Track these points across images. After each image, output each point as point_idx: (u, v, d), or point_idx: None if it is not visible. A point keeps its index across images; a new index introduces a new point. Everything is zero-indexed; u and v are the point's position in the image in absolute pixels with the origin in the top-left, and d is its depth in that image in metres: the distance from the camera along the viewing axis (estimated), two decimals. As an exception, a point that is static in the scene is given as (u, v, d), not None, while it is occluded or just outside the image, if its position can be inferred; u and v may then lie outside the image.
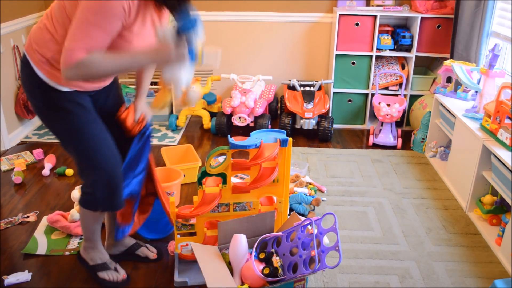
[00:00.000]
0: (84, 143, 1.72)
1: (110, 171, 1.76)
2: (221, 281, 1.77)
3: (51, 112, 1.70)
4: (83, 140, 1.72)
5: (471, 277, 2.09)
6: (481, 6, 2.94)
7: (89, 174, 1.77)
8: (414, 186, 2.88)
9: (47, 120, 1.75)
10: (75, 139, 1.72)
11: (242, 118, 3.50)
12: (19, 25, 3.47)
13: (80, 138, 1.71)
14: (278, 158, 2.02)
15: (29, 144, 3.44)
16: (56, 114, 1.70)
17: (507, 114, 2.29)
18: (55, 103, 1.68)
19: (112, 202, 1.82)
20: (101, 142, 1.75)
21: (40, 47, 1.61)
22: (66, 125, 1.71)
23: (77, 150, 1.74)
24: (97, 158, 1.74)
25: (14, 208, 2.61)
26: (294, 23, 3.87)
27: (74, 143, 1.73)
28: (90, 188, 1.79)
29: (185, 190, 2.81)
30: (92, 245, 1.99)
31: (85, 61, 1.44)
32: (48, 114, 1.72)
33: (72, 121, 1.70)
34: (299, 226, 1.87)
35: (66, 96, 1.68)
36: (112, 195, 1.79)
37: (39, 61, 1.62)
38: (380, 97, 3.55)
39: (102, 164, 1.74)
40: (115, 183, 1.79)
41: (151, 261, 2.17)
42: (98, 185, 1.76)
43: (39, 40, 1.61)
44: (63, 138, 1.77)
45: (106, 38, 1.47)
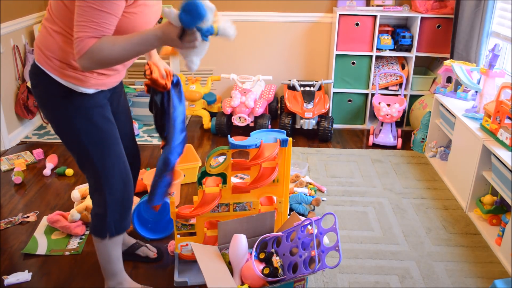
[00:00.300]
0: (105, 158, 1.65)
1: (125, 190, 1.72)
2: (221, 281, 1.77)
3: (77, 121, 1.60)
4: (105, 155, 1.65)
5: (471, 277, 2.09)
6: (481, 6, 2.93)
7: (102, 193, 1.68)
8: (414, 186, 2.88)
9: (71, 133, 1.62)
10: (97, 152, 1.63)
11: (242, 118, 3.50)
12: (19, 25, 3.47)
13: (102, 151, 1.64)
14: (278, 158, 2.02)
15: (29, 144, 3.44)
16: (81, 123, 1.60)
17: (507, 114, 2.29)
18: (81, 112, 1.59)
19: (122, 224, 1.76)
20: (120, 157, 1.70)
21: (55, 52, 1.53)
22: (91, 138, 1.62)
23: (97, 164, 1.65)
24: (114, 174, 1.67)
25: (14, 208, 2.61)
26: (294, 23, 3.87)
27: (96, 156, 1.64)
28: (102, 208, 1.70)
29: (185, 190, 2.81)
30: (120, 278, 1.87)
31: (96, 48, 1.38)
32: (72, 125, 1.60)
33: (97, 133, 1.63)
34: (299, 226, 1.87)
35: (92, 101, 1.61)
36: (123, 216, 1.75)
37: (58, 67, 1.53)
38: (380, 97, 3.55)
39: (118, 181, 1.69)
40: (129, 204, 1.75)
41: (151, 260, 2.17)
42: (112, 205, 1.69)
43: (52, 45, 1.53)
44: (85, 152, 1.64)
45: (112, 20, 1.40)
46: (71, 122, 1.60)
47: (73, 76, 1.54)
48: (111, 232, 1.74)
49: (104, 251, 1.79)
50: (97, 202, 1.73)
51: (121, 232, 1.78)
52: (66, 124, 1.61)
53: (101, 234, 1.74)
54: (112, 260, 1.82)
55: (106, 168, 1.66)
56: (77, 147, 1.64)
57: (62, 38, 1.51)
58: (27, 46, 3.56)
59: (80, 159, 1.67)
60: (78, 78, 1.55)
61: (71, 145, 1.66)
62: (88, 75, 1.56)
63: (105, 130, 1.65)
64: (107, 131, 1.66)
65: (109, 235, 1.74)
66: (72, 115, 1.59)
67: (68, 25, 1.48)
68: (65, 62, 1.53)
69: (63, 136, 1.65)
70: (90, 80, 1.57)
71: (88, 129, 1.61)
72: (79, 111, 1.59)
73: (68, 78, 1.54)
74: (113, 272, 1.85)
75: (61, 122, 1.61)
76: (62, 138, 1.66)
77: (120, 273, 1.87)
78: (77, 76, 1.55)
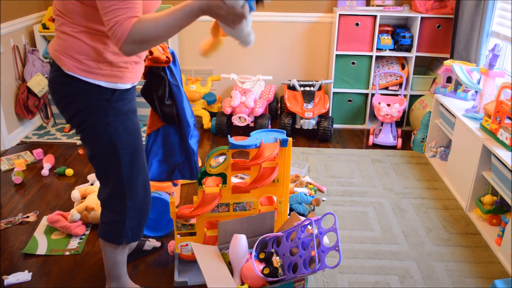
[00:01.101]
0: (133, 165, 1.61)
1: (145, 198, 1.70)
2: (221, 281, 1.77)
3: (115, 126, 1.54)
4: (133, 162, 1.61)
5: (471, 277, 2.09)
6: (481, 6, 2.93)
7: (123, 200, 1.64)
8: (414, 186, 2.88)
9: (105, 139, 1.55)
10: (126, 159, 1.59)
11: (242, 118, 3.50)
12: (19, 25, 3.47)
13: (131, 158, 1.60)
14: (278, 158, 2.02)
15: (29, 144, 3.44)
16: (118, 129, 1.54)
17: (507, 114, 2.29)
18: (119, 116, 1.54)
19: (138, 231, 1.73)
20: (144, 165, 1.67)
21: (86, 53, 1.44)
22: (124, 144, 1.57)
23: (124, 171, 1.59)
24: (138, 182, 1.64)
25: (14, 208, 2.61)
26: (294, 23, 3.87)
27: (125, 163, 1.59)
28: (121, 215, 1.66)
29: (185, 190, 2.81)
30: (122, 282, 1.86)
31: (138, 28, 1.28)
32: (109, 131, 1.53)
33: (130, 140, 1.59)
34: (299, 226, 1.87)
35: (128, 105, 1.57)
36: (141, 224, 1.73)
37: (94, 69, 1.45)
38: (380, 97, 3.55)
39: (141, 189, 1.66)
40: (147, 212, 1.74)
41: (157, 250, 2.22)
42: (131, 213, 1.66)
43: (81, 47, 1.43)
44: (115, 159, 1.58)
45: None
46: (108, 127, 1.53)
47: (110, 74, 1.48)
48: (128, 239, 1.72)
49: (112, 256, 1.78)
50: (114, 209, 1.67)
51: (137, 240, 1.76)
52: (102, 130, 1.53)
53: (117, 241, 1.71)
54: (117, 265, 1.81)
55: (132, 176, 1.62)
56: (108, 153, 1.57)
57: (88, 36, 1.43)
58: (27, 46, 3.56)
59: (107, 166, 1.60)
60: (115, 75, 1.49)
61: (102, 152, 1.58)
62: (123, 68, 1.51)
63: (136, 137, 1.62)
64: (138, 137, 1.63)
65: (126, 242, 1.72)
66: (110, 120, 1.52)
67: (90, 20, 1.41)
68: (99, 61, 1.45)
69: (95, 143, 1.57)
70: (126, 74, 1.52)
71: (123, 135, 1.56)
72: (117, 116, 1.54)
73: (106, 78, 1.48)
74: (117, 276, 1.84)
75: (98, 128, 1.53)
76: (93, 145, 1.58)
77: (123, 277, 1.86)
78: (114, 73, 1.49)
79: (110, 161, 1.59)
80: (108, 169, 1.61)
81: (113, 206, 1.67)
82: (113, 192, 1.64)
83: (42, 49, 3.72)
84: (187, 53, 3.96)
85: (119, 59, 1.48)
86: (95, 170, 1.66)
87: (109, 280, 1.86)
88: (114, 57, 1.47)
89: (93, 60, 1.45)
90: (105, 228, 1.72)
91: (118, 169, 1.59)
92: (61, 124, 3.81)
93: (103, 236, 1.72)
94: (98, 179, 1.67)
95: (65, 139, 3.53)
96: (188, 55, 3.97)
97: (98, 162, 1.61)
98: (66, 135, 3.60)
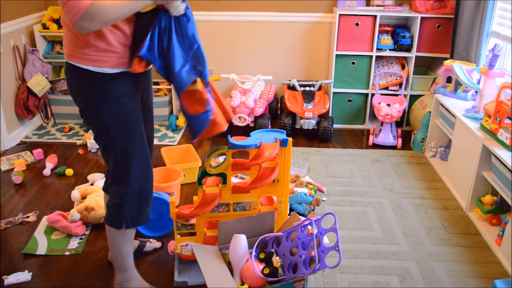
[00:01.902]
0: (128, 149, 1.66)
1: (143, 183, 1.73)
2: (221, 281, 1.77)
3: (105, 108, 1.61)
4: (128, 146, 1.66)
5: (471, 277, 2.09)
6: (481, 6, 2.93)
7: (120, 183, 1.70)
8: (414, 186, 2.88)
9: (98, 121, 1.63)
10: (120, 142, 1.65)
11: (242, 118, 3.50)
12: (19, 25, 3.47)
13: (126, 142, 1.66)
14: (278, 158, 2.02)
15: (29, 144, 3.44)
16: (108, 111, 1.62)
17: (507, 114, 2.29)
18: (109, 99, 1.61)
19: (139, 216, 1.76)
20: (142, 150, 1.71)
21: (74, 42, 1.56)
22: (116, 127, 1.64)
23: (118, 154, 1.66)
24: (134, 167, 1.68)
25: (14, 208, 2.61)
26: (294, 23, 3.87)
27: (119, 146, 1.65)
28: (118, 198, 1.71)
29: (185, 190, 2.81)
30: (128, 275, 1.88)
31: (94, 6, 1.38)
32: (100, 112, 1.62)
33: (123, 123, 1.65)
34: (299, 226, 1.87)
35: (120, 88, 1.62)
36: (140, 209, 1.75)
37: (81, 55, 1.56)
38: (380, 97, 3.55)
39: (137, 174, 1.70)
40: (146, 197, 1.76)
41: (158, 250, 2.23)
42: (128, 196, 1.70)
43: (70, 37, 1.57)
44: (109, 141, 1.65)
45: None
46: (99, 110, 1.61)
47: (97, 58, 1.56)
48: (128, 223, 1.75)
49: (115, 243, 1.81)
50: (114, 192, 1.74)
51: (138, 225, 1.79)
52: (95, 112, 1.62)
53: (117, 224, 1.75)
54: (122, 255, 1.83)
55: (127, 160, 1.67)
56: (103, 135, 1.66)
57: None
58: (27, 46, 3.56)
59: (104, 148, 1.70)
60: (101, 59, 1.56)
61: (98, 133, 1.67)
62: (110, 52, 1.56)
63: (131, 121, 1.66)
64: (133, 121, 1.67)
65: (125, 226, 1.75)
66: (99, 102, 1.60)
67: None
68: (85, 46, 1.55)
69: (92, 124, 1.67)
70: (112, 58, 1.57)
71: (115, 118, 1.63)
72: (107, 99, 1.61)
73: (93, 62, 1.56)
74: (123, 267, 1.87)
75: (92, 111, 1.63)
76: (92, 127, 1.68)
77: (130, 269, 1.88)
78: (100, 57, 1.56)
79: (107, 143, 1.68)
80: (105, 151, 1.70)
81: (113, 189, 1.74)
82: (113, 175, 1.72)
83: (42, 49, 3.72)
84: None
85: (104, 44, 1.54)
86: (100, 152, 1.74)
87: (116, 271, 1.89)
88: (98, 42, 1.53)
89: (81, 47, 1.56)
90: (108, 211, 1.77)
91: (113, 152, 1.67)
92: (61, 124, 3.81)
93: (106, 220, 1.78)
94: (105, 161, 1.77)
95: (65, 139, 3.53)
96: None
97: (99, 144, 1.71)
98: (66, 135, 3.60)
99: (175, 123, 3.70)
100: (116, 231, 1.76)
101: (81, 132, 3.66)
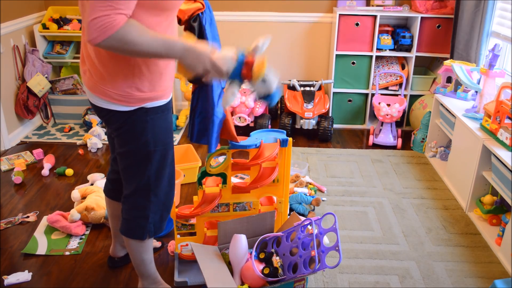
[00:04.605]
0: (163, 161, 1.62)
1: (169, 193, 1.71)
2: (221, 281, 1.77)
3: (153, 121, 1.55)
4: (164, 158, 1.62)
5: (471, 277, 2.09)
6: (481, 6, 2.93)
7: (147, 195, 1.65)
8: (414, 186, 2.88)
9: (142, 138, 1.56)
10: (157, 155, 1.60)
11: (242, 118, 3.50)
12: (19, 25, 3.47)
13: (163, 154, 1.61)
14: (278, 158, 2.02)
15: (29, 144, 3.44)
16: (154, 122, 1.55)
17: (507, 114, 2.29)
18: (159, 116, 1.56)
19: (160, 225, 1.74)
20: (173, 160, 1.68)
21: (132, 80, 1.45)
22: (158, 141, 1.58)
23: (153, 168, 1.60)
24: (164, 178, 1.65)
25: (14, 208, 2.61)
26: (294, 23, 3.87)
27: (155, 159, 1.60)
28: (144, 210, 1.67)
29: (185, 190, 2.81)
30: (153, 280, 1.88)
31: (127, 28, 1.22)
32: (148, 126, 1.54)
33: (165, 137, 1.61)
34: (299, 226, 1.87)
35: (166, 104, 1.59)
36: (163, 218, 1.74)
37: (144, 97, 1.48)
38: (380, 97, 3.55)
39: (166, 184, 1.68)
40: (170, 206, 1.75)
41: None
42: (155, 207, 1.67)
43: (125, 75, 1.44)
44: (147, 156, 1.58)
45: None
46: (146, 125, 1.54)
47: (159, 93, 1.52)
48: (151, 233, 1.72)
49: (138, 253, 1.78)
50: (137, 205, 1.68)
51: (158, 234, 1.77)
52: (141, 128, 1.54)
53: (140, 236, 1.71)
54: (145, 263, 1.81)
55: (159, 173, 1.63)
56: (140, 151, 1.57)
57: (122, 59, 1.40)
58: (27, 46, 3.56)
59: (135, 163, 1.59)
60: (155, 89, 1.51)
61: (135, 149, 1.57)
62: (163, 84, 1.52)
63: (170, 133, 1.64)
64: (171, 134, 1.65)
65: (148, 237, 1.72)
66: (149, 117, 1.53)
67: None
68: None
69: (130, 140, 1.56)
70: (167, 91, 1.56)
71: (158, 133, 1.57)
72: (154, 114, 1.54)
73: (145, 91, 1.48)
74: (147, 274, 1.85)
75: (137, 126, 1.54)
76: (126, 143, 1.57)
77: (153, 274, 1.87)
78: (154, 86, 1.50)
79: (142, 158, 1.58)
80: (139, 166, 1.60)
81: (137, 202, 1.67)
82: (138, 189, 1.64)
83: (42, 49, 3.72)
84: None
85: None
86: (122, 167, 1.64)
87: (140, 279, 1.88)
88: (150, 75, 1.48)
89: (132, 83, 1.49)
90: (128, 225, 1.72)
91: (147, 166, 1.60)
92: (61, 124, 3.81)
93: (126, 233, 1.73)
94: (124, 176, 1.66)
95: (65, 139, 3.53)
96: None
97: (129, 161, 1.61)
98: (66, 135, 3.60)
99: (175, 123, 3.70)
100: (138, 242, 1.74)
101: (81, 132, 3.66)
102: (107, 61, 1.41)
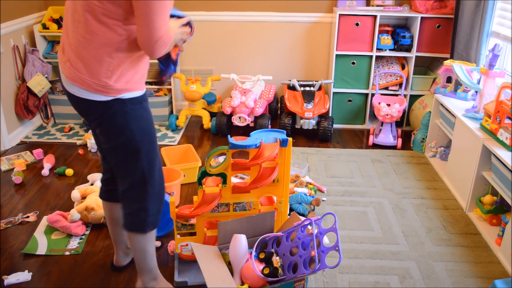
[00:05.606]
0: (151, 151, 1.67)
1: (161, 183, 1.75)
2: (221, 281, 1.77)
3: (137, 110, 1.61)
4: (151, 149, 1.67)
5: (471, 277, 2.09)
6: (481, 6, 2.93)
7: (145, 188, 1.69)
8: (414, 186, 2.88)
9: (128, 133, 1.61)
10: (145, 146, 1.64)
11: (242, 118, 3.50)
12: (19, 25, 3.47)
13: (149, 145, 1.66)
14: (278, 158, 2.02)
15: (29, 144, 3.44)
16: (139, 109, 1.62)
17: (507, 114, 2.29)
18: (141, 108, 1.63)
19: (158, 217, 1.78)
20: (158, 151, 1.74)
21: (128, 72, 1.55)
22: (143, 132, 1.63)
23: (144, 159, 1.65)
24: (156, 169, 1.70)
25: (14, 208, 2.61)
26: (294, 23, 3.87)
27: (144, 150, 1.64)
28: (143, 203, 1.70)
29: (185, 190, 2.81)
30: (154, 274, 1.90)
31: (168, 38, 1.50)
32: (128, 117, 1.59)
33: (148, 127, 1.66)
34: (299, 226, 1.87)
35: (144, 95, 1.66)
36: (159, 209, 1.77)
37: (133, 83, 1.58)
38: (380, 97, 3.55)
39: (158, 175, 1.72)
40: (163, 197, 1.79)
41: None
42: (152, 199, 1.72)
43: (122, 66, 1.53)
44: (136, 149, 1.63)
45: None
46: (127, 115, 1.58)
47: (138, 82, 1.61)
48: (152, 225, 1.76)
49: (141, 247, 1.80)
50: (136, 198, 1.71)
51: (157, 225, 1.80)
52: (122, 119, 1.58)
53: (142, 229, 1.74)
54: (148, 256, 1.83)
55: (151, 162, 1.68)
56: (129, 143, 1.61)
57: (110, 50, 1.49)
58: (27, 46, 3.56)
59: (127, 156, 1.64)
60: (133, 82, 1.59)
61: (124, 142, 1.61)
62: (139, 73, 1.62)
63: (152, 124, 1.68)
64: (153, 124, 1.70)
65: (150, 229, 1.76)
66: (128, 108, 1.58)
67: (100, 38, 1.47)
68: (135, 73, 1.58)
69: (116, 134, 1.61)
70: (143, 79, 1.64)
71: (140, 121, 1.62)
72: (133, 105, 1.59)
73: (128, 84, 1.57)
74: (148, 268, 1.87)
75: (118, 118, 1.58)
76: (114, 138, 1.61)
77: (154, 269, 1.89)
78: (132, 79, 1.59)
79: (132, 150, 1.63)
80: (131, 159, 1.64)
81: (135, 195, 1.71)
82: (135, 182, 1.68)
83: (42, 49, 3.72)
84: (187, 53, 3.96)
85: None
86: (113, 163, 1.70)
87: (140, 275, 1.89)
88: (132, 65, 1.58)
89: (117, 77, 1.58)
90: (129, 219, 1.75)
91: (139, 157, 1.64)
92: (61, 124, 3.81)
93: (128, 227, 1.76)
94: (117, 172, 1.70)
95: (65, 139, 3.53)
96: (188, 55, 3.97)
97: (121, 155, 1.65)
98: (66, 135, 3.60)
99: (175, 123, 3.70)
100: (141, 235, 1.76)
101: (81, 132, 3.66)
102: (86, 51, 1.50)
